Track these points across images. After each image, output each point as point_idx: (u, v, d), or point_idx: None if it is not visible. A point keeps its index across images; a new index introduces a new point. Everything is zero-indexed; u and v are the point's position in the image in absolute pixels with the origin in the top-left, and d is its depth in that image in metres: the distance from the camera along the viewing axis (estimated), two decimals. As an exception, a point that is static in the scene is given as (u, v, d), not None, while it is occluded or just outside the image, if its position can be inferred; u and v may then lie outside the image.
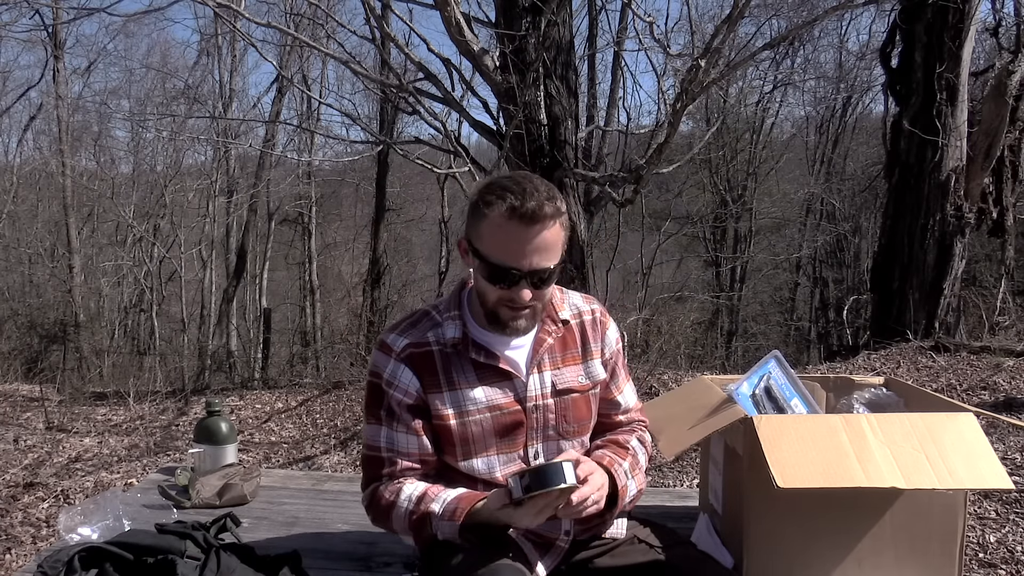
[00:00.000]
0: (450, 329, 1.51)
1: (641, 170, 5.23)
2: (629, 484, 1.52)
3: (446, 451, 1.52)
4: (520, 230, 1.39)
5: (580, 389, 1.56)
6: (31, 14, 11.77)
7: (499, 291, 1.43)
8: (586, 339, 1.59)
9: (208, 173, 14.44)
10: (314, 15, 8.43)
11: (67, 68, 14.30)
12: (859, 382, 1.97)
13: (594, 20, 8.24)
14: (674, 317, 11.14)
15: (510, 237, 1.39)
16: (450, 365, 1.50)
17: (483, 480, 1.51)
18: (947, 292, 6.71)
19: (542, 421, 1.53)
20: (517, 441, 1.52)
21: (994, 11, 8.35)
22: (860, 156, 15.56)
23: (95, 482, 4.33)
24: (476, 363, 1.49)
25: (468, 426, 1.48)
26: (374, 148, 11.09)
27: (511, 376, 1.50)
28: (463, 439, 1.49)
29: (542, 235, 1.39)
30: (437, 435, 1.51)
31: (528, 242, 1.39)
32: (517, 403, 1.50)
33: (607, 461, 1.50)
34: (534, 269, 1.41)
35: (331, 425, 5.68)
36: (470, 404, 1.49)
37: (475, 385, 1.49)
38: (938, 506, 1.53)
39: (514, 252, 1.40)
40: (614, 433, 1.64)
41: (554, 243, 1.42)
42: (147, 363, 12.37)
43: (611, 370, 1.62)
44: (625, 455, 1.56)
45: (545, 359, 1.54)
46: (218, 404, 2.36)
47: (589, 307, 1.62)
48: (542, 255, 1.41)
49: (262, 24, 5.84)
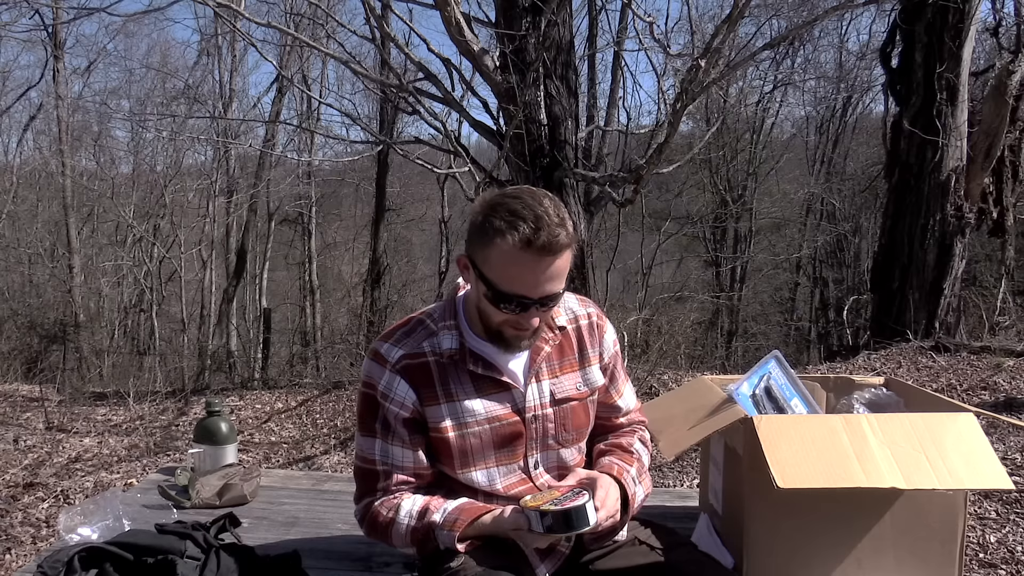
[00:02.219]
0: (446, 340, 1.47)
1: (641, 170, 5.23)
2: (638, 491, 1.52)
3: (444, 463, 1.50)
4: (534, 262, 1.33)
5: (579, 397, 1.54)
6: (31, 14, 11.78)
7: (505, 315, 1.39)
8: (583, 345, 1.56)
9: (208, 173, 14.43)
10: (314, 15, 8.43)
11: (67, 68, 14.30)
12: (859, 382, 1.97)
13: (594, 20, 8.24)
14: (674, 317, 11.14)
15: (524, 269, 1.34)
16: (447, 376, 1.46)
17: (483, 492, 1.50)
18: (947, 292, 6.71)
19: (541, 431, 1.51)
20: (516, 452, 1.50)
21: (994, 11, 8.36)
22: (860, 156, 15.56)
23: (95, 482, 4.33)
24: (474, 374, 1.47)
25: (467, 438, 1.46)
26: (374, 148, 11.09)
27: (509, 387, 1.48)
28: (462, 451, 1.47)
29: (555, 265, 1.35)
30: (433, 448, 1.49)
31: (542, 272, 1.35)
32: (516, 414, 1.48)
33: (616, 471, 1.50)
34: (545, 296, 1.37)
35: (331, 425, 5.68)
36: (468, 416, 1.46)
37: (473, 397, 1.46)
38: (938, 506, 1.53)
39: (527, 283, 1.35)
40: (616, 436, 1.63)
41: (565, 268, 1.38)
42: (147, 363, 12.37)
43: (610, 374, 1.61)
44: (631, 460, 1.56)
45: (543, 368, 1.51)
46: (218, 404, 2.36)
47: (585, 310, 1.59)
48: (553, 283, 1.37)
49: (262, 24, 5.84)
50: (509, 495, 1.49)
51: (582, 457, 1.60)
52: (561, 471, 1.55)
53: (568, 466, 1.56)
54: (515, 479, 1.51)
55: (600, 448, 1.60)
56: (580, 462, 1.60)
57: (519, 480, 1.51)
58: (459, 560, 1.37)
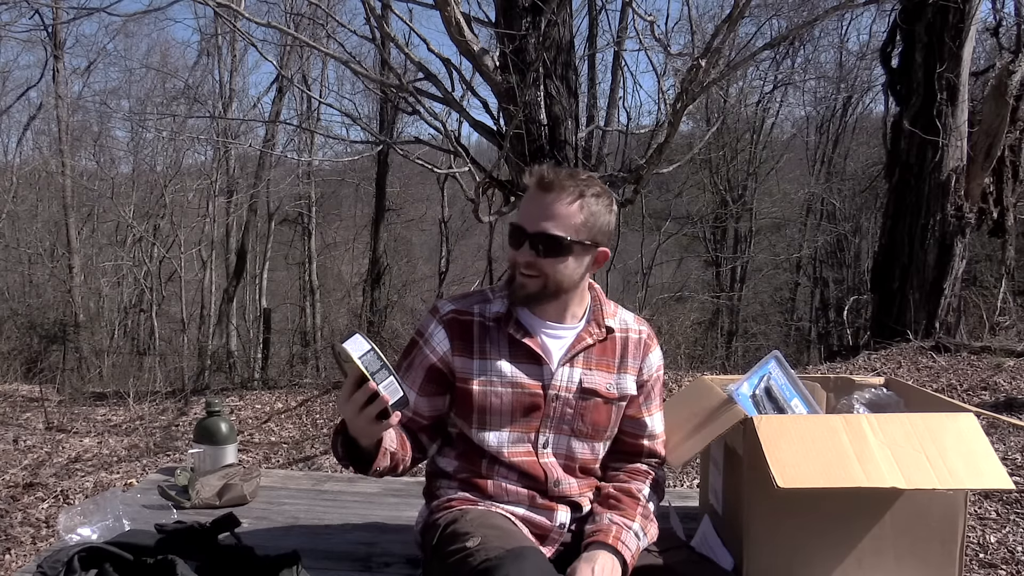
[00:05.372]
0: (497, 304, 1.57)
1: (641, 170, 5.22)
2: (641, 543, 1.52)
3: (463, 418, 1.56)
4: (536, 195, 1.50)
5: (605, 395, 1.58)
6: (31, 14, 11.79)
7: (511, 254, 1.51)
8: (626, 354, 1.62)
9: (208, 173, 14.42)
10: (314, 15, 8.42)
11: (67, 68, 14.30)
12: (859, 382, 1.97)
13: (594, 20, 8.22)
14: (674, 317, 11.14)
15: (528, 202, 1.51)
16: (486, 336, 1.55)
17: (491, 454, 1.54)
18: (947, 292, 6.71)
19: (559, 412, 1.55)
20: (531, 424, 1.55)
21: (994, 11, 8.36)
22: (860, 156, 15.55)
23: (95, 482, 4.33)
24: (512, 339, 1.54)
25: (488, 396, 1.52)
26: (374, 148, 11.08)
27: (541, 361, 1.54)
28: (481, 408, 1.53)
29: (554, 204, 1.48)
30: (456, 401, 1.56)
31: (538, 206, 1.49)
32: (540, 388, 1.54)
33: (613, 536, 1.48)
34: (539, 232, 1.47)
35: (331, 425, 5.68)
36: (494, 375, 1.53)
37: (504, 359, 1.54)
38: (938, 506, 1.53)
39: (525, 213, 1.50)
40: (628, 474, 1.63)
41: (565, 215, 1.48)
42: (147, 363, 12.36)
43: (646, 393, 1.65)
44: (635, 510, 1.55)
45: (580, 357, 1.57)
46: (218, 404, 2.36)
47: (638, 327, 1.66)
48: (549, 221, 1.47)
49: (262, 24, 5.83)
50: (512, 462, 1.54)
51: (595, 458, 1.62)
52: (568, 461, 1.58)
53: (576, 458, 1.58)
54: (522, 450, 1.55)
55: (607, 491, 1.60)
56: (592, 462, 1.61)
57: (526, 451, 1.55)
58: (475, 540, 1.39)
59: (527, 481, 1.55)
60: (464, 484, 1.57)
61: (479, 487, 1.56)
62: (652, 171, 5.38)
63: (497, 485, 1.55)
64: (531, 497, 1.55)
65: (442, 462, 1.62)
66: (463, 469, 1.58)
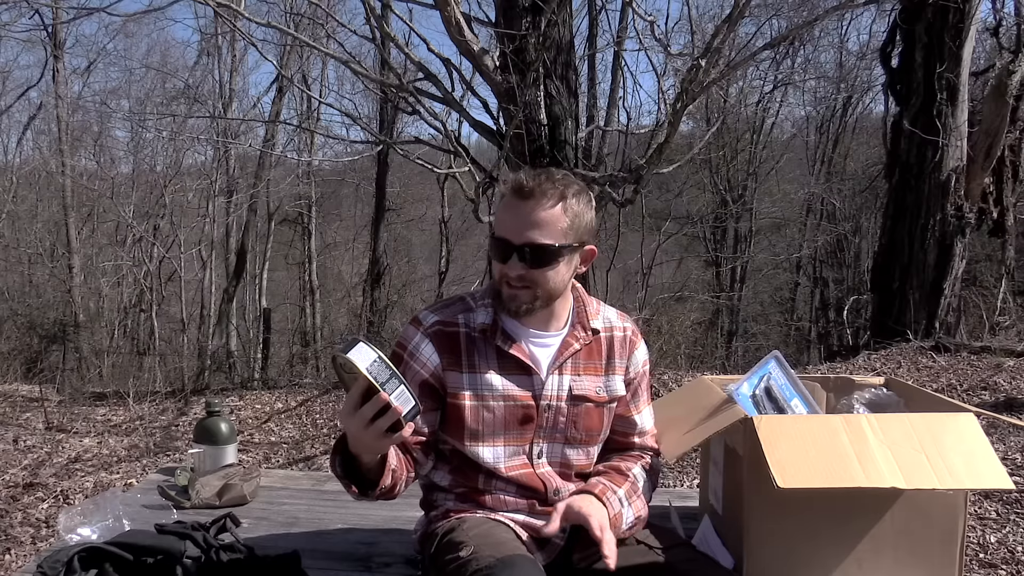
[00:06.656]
0: (481, 315, 1.53)
1: (641, 170, 5.22)
2: (625, 511, 1.52)
3: (454, 434, 1.53)
4: (516, 204, 1.45)
5: (596, 400, 1.57)
6: (31, 14, 11.76)
7: (499, 268, 1.47)
8: (612, 354, 1.60)
9: (208, 173, 14.40)
10: (314, 15, 8.42)
11: (67, 68, 14.28)
12: (859, 382, 1.97)
13: (594, 20, 8.22)
14: (674, 317, 11.14)
15: (508, 212, 1.46)
16: (474, 348, 1.51)
17: (487, 468, 1.53)
18: (947, 292, 6.71)
19: (552, 422, 1.54)
20: (525, 436, 1.54)
21: (994, 11, 8.36)
22: (860, 156, 15.55)
23: (95, 482, 4.33)
24: (500, 351, 1.51)
25: (481, 411, 1.50)
26: (374, 148, 11.08)
27: (530, 371, 1.52)
28: (474, 423, 1.50)
29: (536, 211, 1.43)
30: (447, 417, 1.53)
31: (520, 215, 1.44)
32: (531, 399, 1.52)
33: (599, 489, 1.50)
34: (526, 243, 1.43)
35: (331, 425, 5.67)
36: (486, 389, 1.50)
37: (494, 372, 1.51)
38: (938, 506, 1.53)
39: (508, 225, 1.45)
40: (619, 457, 1.64)
41: (550, 221, 1.44)
42: (147, 363, 12.35)
43: (633, 390, 1.64)
44: (622, 481, 1.56)
45: (568, 363, 1.55)
46: (218, 404, 2.36)
47: (622, 324, 1.64)
48: (535, 230, 1.43)
49: (262, 24, 5.83)
50: (510, 476, 1.52)
51: (590, 462, 1.62)
52: (564, 468, 1.58)
53: (571, 465, 1.58)
54: (518, 462, 1.54)
55: (597, 468, 1.62)
56: (587, 466, 1.61)
57: (521, 464, 1.54)
58: (468, 550, 1.39)
59: (527, 492, 1.55)
60: (461, 497, 1.56)
61: (477, 501, 1.55)
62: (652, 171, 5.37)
63: (496, 499, 1.54)
64: (531, 505, 1.55)
65: (436, 476, 1.59)
66: (459, 484, 1.56)
